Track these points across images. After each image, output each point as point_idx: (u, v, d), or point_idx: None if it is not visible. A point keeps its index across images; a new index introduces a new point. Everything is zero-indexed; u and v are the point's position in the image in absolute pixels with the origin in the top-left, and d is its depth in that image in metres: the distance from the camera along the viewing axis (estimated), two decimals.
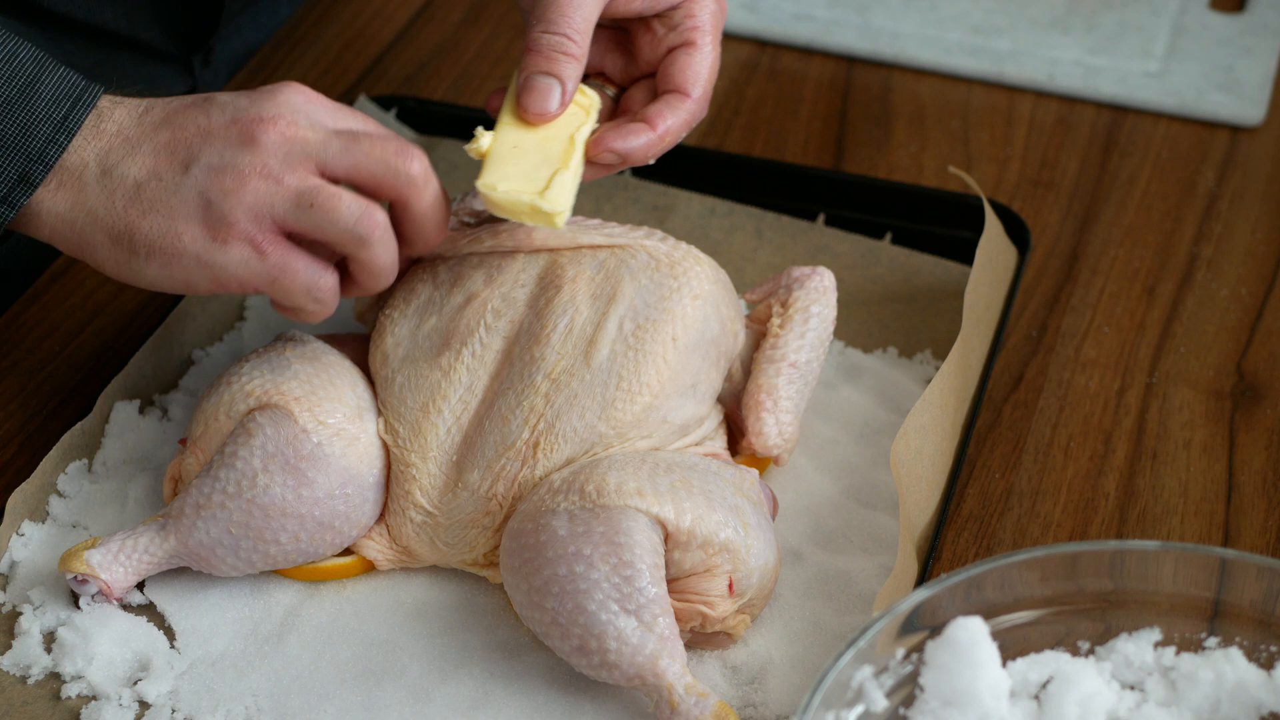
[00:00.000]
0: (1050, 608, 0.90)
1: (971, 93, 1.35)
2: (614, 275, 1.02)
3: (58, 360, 1.13)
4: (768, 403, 1.02)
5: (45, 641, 0.97)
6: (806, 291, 1.05)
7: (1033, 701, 0.89)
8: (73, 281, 1.18)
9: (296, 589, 1.00)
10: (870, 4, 1.41)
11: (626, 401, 0.98)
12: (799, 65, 1.38)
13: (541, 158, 0.99)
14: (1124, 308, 1.18)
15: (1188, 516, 1.05)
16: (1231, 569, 0.89)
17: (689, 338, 1.00)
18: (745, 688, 0.96)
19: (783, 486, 1.05)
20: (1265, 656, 0.90)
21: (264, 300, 1.16)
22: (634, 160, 1.02)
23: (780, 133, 1.31)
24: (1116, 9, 1.41)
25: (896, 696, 0.88)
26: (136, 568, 0.98)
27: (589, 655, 0.92)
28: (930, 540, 1.00)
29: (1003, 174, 1.28)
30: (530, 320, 1.01)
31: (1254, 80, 1.35)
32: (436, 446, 0.99)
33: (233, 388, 1.00)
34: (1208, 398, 1.12)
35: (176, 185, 0.96)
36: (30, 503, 1.02)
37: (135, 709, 0.94)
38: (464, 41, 1.40)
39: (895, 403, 1.10)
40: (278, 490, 0.97)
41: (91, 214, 0.96)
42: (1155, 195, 1.27)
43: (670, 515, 0.94)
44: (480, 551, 0.99)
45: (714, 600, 0.95)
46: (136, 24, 1.25)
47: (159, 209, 0.96)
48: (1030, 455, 1.08)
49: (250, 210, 0.95)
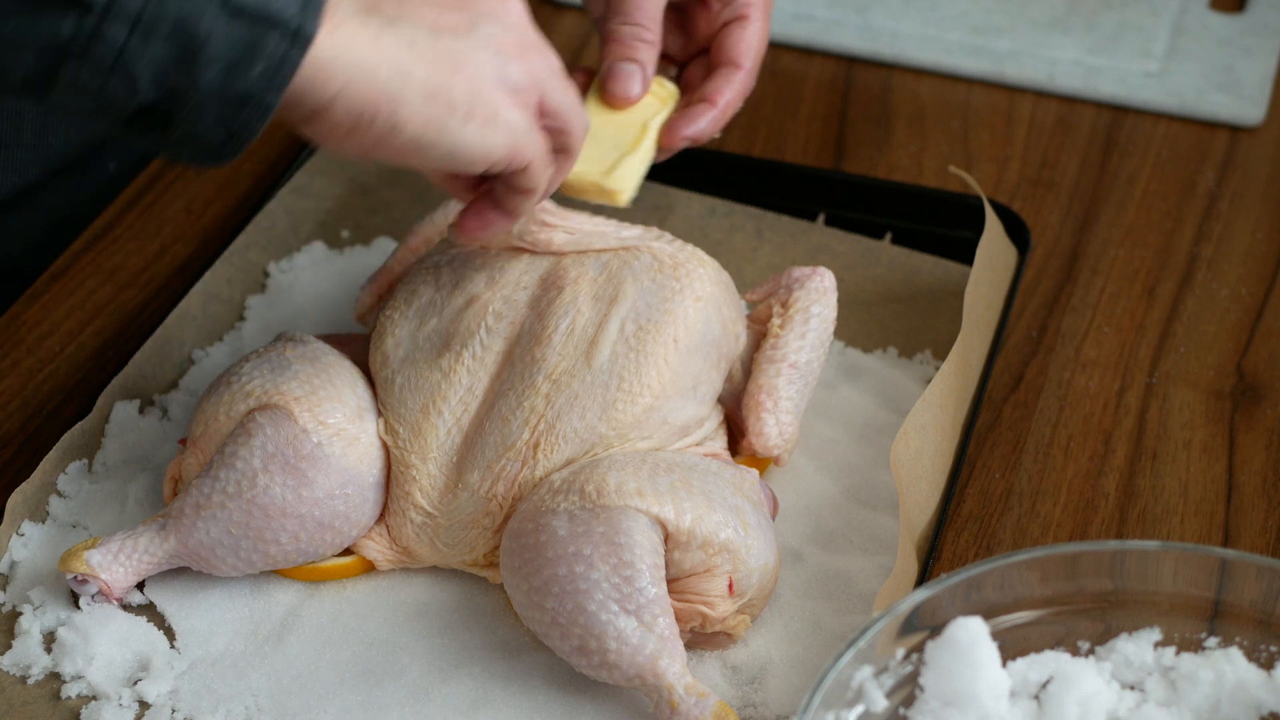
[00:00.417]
0: (1050, 608, 0.90)
1: (971, 93, 1.35)
2: (616, 276, 1.02)
3: (58, 360, 1.13)
4: (768, 403, 1.02)
5: (45, 641, 0.97)
6: (807, 292, 1.05)
7: (1033, 701, 0.89)
8: (73, 281, 1.18)
9: (296, 589, 1.00)
10: (870, 4, 1.41)
11: (627, 403, 0.98)
12: (799, 65, 1.38)
13: (613, 143, 1.05)
14: (1124, 308, 1.18)
15: (1188, 516, 1.05)
16: (1231, 569, 0.89)
17: (690, 339, 1.00)
18: (745, 688, 0.96)
19: (783, 486, 1.05)
20: (1265, 656, 0.90)
21: (264, 300, 1.16)
22: (704, 139, 1.08)
23: (780, 133, 1.31)
24: (1116, 9, 1.41)
25: (896, 696, 0.88)
26: (136, 568, 0.98)
27: (589, 655, 0.92)
28: (930, 540, 1.00)
29: (1003, 174, 1.28)
30: (531, 321, 1.01)
31: (1254, 80, 1.35)
32: (436, 448, 0.99)
33: (233, 388, 1.00)
34: (1208, 398, 1.12)
35: (469, 45, 0.89)
36: (30, 503, 1.02)
37: (135, 709, 0.94)
38: None
39: (895, 403, 1.10)
40: (278, 490, 0.97)
41: (398, 67, 0.86)
42: (1155, 195, 1.27)
43: (670, 515, 0.94)
44: (480, 552, 0.99)
45: (714, 600, 0.95)
46: None
47: (464, 68, 0.89)
48: (1030, 455, 1.08)
49: (533, 79, 0.92)
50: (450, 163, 0.90)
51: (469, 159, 0.90)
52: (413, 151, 0.88)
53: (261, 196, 1.23)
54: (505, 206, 0.97)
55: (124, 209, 1.23)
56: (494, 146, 0.90)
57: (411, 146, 0.88)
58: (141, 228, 1.22)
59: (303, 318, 1.16)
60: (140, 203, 1.24)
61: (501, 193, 0.96)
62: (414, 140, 0.88)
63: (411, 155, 0.89)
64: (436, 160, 0.90)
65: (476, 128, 0.89)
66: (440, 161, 0.90)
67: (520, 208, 0.96)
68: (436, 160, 0.90)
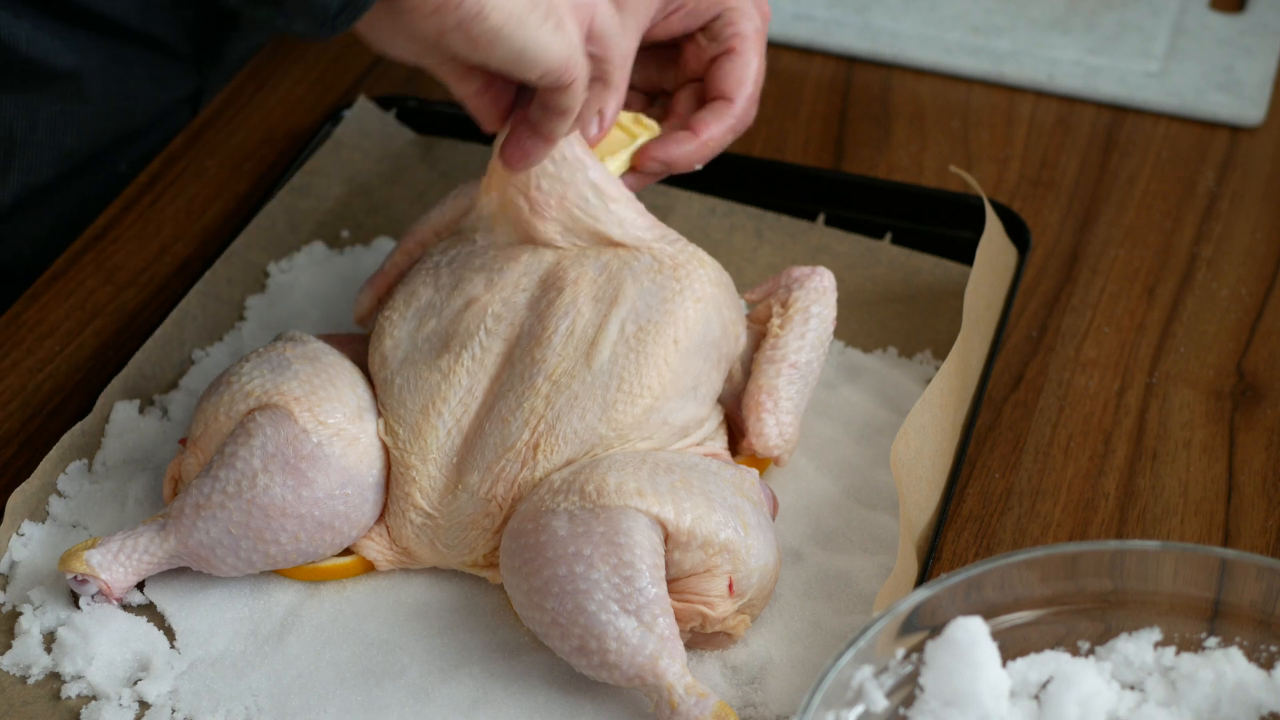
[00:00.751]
0: (1050, 608, 0.90)
1: (971, 93, 1.35)
2: (616, 277, 1.01)
3: (58, 360, 1.13)
4: (768, 403, 1.02)
5: (45, 641, 0.97)
6: (806, 292, 1.05)
7: (1033, 701, 0.89)
8: (73, 281, 1.18)
9: (296, 589, 1.00)
10: (870, 4, 1.41)
11: (627, 404, 0.98)
12: (799, 65, 1.38)
13: None
14: (1124, 308, 1.18)
15: (1188, 516, 1.05)
16: (1231, 569, 0.89)
17: (690, 340, 1.00)
18: (745, 688, 0.96)
19: (783, 486, 1.05)
20: (1265, 656, 0.90)
21: (264, 300, 1.16)
22: (678, 167, 1.06)
23: (780, 133, 1.31)
24: (1116, 9, 1.41)
25: (896, 696, 0.88)
26: (136, 568, 0.98)
27: (589, 655, 0.92)
28: (930, 540, 1.00)
29: (1003, 174, 1.28)
30: (531, 322, 1.01)
31: (1254, 80, 1.35)
32: (436, 449, 0.99)
33: (233, 388, 1.00)
34: (1208, 398, 1.12)
35: None
36: (30, 503, 1.02)
37: (135, 709, 0.94)
38: None
39: (895, 403, 1.10)
40: (278, 490, 0.97)
41: None
42: (1155, 195, 1.27)
43: (670, 515, 0.94)
44: (480, 553, 0.99)
45: (714, 600, 0.95)
46: (150, 19, 1.25)
47: None
48: (1030, 455, 1.08)
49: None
50: (515, 60, 0.91)
51: (532, 60, 0.91)
52: (487, 42, 0.90)
53: (261, 196, 1.22)
54: (543, 130, 0.97)
55: (124, 209, 1.23)
56: (557, 53, 0.91)
57: (487, 36, 0.89)
58: (141, 228, 1.22)
59: (303, 318, 1.16)
60: (140, 203, 1.24)
61: (538, 116, 0.97)
62: (493, 30, 0.89)
63: (482, 45, 0.90)
64: (503, 55, 0.91)
65: (549, 30, 0.91)
66: (506, 56, 0.91)
67: (557, 131, 0.97)
68: (503, 55, 0.91)
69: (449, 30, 0.89)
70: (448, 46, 0.90)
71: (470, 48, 0.90)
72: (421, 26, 0.89)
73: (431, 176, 1.26)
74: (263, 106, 1.32)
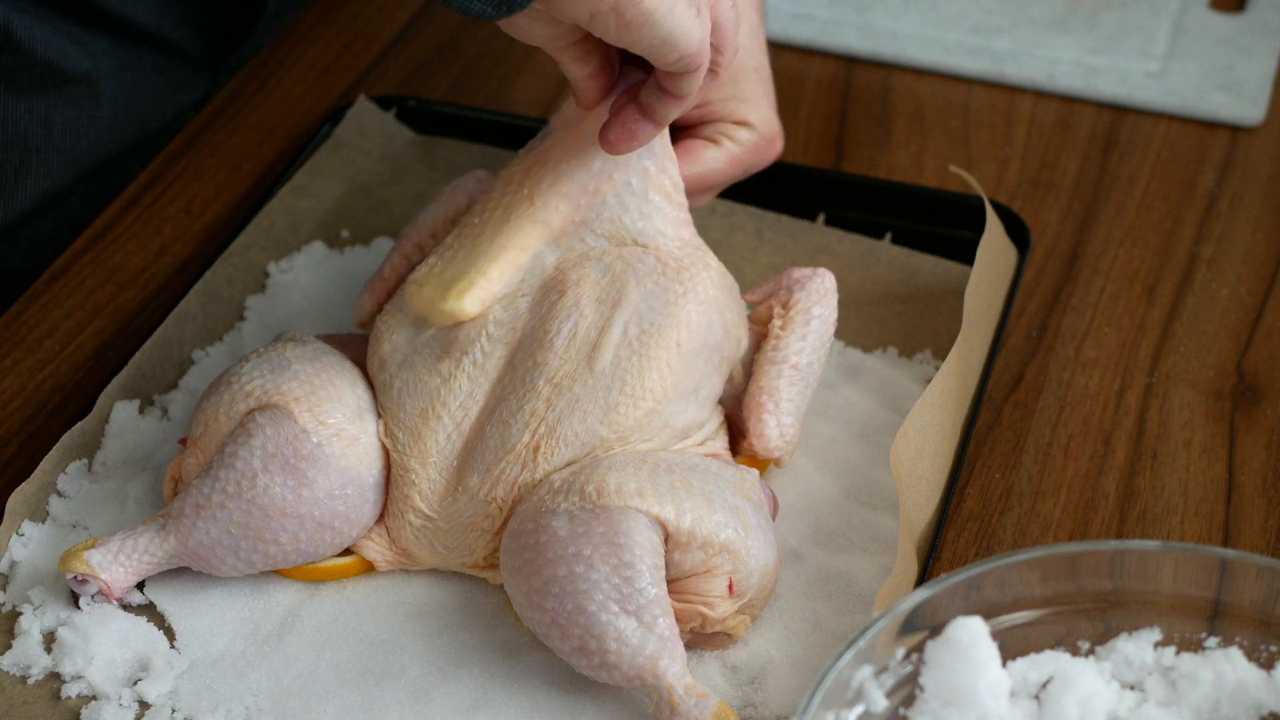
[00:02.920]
0: (1050, 608, 0.90)
1: (971, 93, 1.35)
2: (619, 279, 1.01)
3: (58, 360, 1.13)
4: (769, 404, 1.02)
5: (45, 641, 0.97)
6: (807, 293, 1.05)
7: (1033, 701, 0.89)
8: (73, 281, 1.18)
9: (296, 589, 1.00)
10: (870, 4, 1.41)
11: (629, 406, 0.98)
12: (799, 65, 1.38)
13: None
14: (1124, 308, 1.18)
15: (1188, 516, 1.05)
16: (1231, 569, 0.89)
17: (693, 343, 1.00)
18: (745, 688, 0.96)
19: (783, 486, 1.05)
20: (1265, 656, 0.90)
21: (264, 300, 1.16)
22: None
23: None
24: (1116, 9, 1.41)
25: (896, 696, 0.88)
26: (136, 568, 0.98)
27: (589, 656, 0.92)
28: (930, 540, 1.00)
29: (1003, 174, 1.28)
30: (533, 325, 1.01)
31: (1254, 80, 1.35)
32: (436, 452, 0.99)
33: (233, 388, 1.00)
34: (1208, 398, 1.12)
35: None
36: (30, 503, 1.02)
37: (135, 709, 0.94)
38: (464, 41, 1.40)
39: (895, 403, 1.10)
40: (278, 490, 0.97)
41: None
42: (1155, 195, 1.27)
43: (670, 516, 0.94)
44: (480, 555, 0.99)
45: (714, 601, 0.95)
46: (166, 22, 1.25)
47: None
48: (1030, 455, 1.08)
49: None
50: (660, 44, 0.92)
51: (674, 44, 0.92)
52: (638, 25, 0.91)
53: (261, 196, 1.22)
54: (656, 114, 0.98)
55: (124, 209, 1.23)
56: (695, 40, 0.93)
57: (640, 20, 0.90)
58: (141, 228, 1.22)
59: (303, 318, 1.16)
60: (140, 203, 1.24)
61: (653, 100, 0.97)
62: (645, 14, 0.90)
63: (633, 28, 0.91)
64: (650, 38, 0.92)
65: (693, 17, 0.92)
66: (653, 40, 0.92)
67: (669, 115, 0.98)
68: (650, 38, 0.92)
69: (604, 12, 0.90)
70: (596, 27, 0.91)
71: (620, 30, 0.91)
72: (579, 8, 0.90)
73: (432, 176, 1.26)
74: (263, 106, 1.32)
